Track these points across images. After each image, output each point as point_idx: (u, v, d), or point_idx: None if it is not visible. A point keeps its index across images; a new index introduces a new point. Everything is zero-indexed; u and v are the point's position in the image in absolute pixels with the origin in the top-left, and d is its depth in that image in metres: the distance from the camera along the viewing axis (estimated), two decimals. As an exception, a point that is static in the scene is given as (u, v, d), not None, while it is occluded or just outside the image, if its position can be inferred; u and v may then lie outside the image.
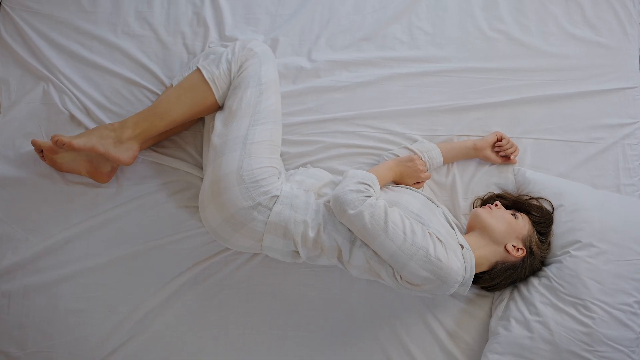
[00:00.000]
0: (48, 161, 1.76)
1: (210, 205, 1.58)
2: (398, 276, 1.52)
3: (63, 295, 1.75)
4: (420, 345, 1.74)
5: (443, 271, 1.47)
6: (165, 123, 1.70)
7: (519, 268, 1.64)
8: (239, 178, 1.55)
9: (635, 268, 1.61)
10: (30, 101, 1.86)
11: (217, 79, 1.66)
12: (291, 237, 1.58)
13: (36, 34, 1.89)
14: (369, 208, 1.48)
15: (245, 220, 1.56)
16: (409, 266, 1.47)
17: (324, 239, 1.57)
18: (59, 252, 1.77)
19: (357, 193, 1.51)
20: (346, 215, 1.50)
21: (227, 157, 1.57)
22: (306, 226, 1.57)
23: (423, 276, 1.48)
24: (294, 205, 1.58)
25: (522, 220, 1.67)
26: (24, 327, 1.74)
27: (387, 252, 1.49)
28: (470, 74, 1.94)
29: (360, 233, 1.51)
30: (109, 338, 1.74)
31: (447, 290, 1.51)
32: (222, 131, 1.62)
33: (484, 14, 2.00)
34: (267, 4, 1.98)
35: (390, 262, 1.50)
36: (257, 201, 1.55)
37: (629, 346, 1.57)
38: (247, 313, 1.76)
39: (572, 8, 2.01)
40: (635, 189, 1.88)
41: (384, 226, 1.48)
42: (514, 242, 1.63)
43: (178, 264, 1.78)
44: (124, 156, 1.70)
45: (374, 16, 1.98)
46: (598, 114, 1.93)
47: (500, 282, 1.66)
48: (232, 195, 1.55)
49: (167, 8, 1.95)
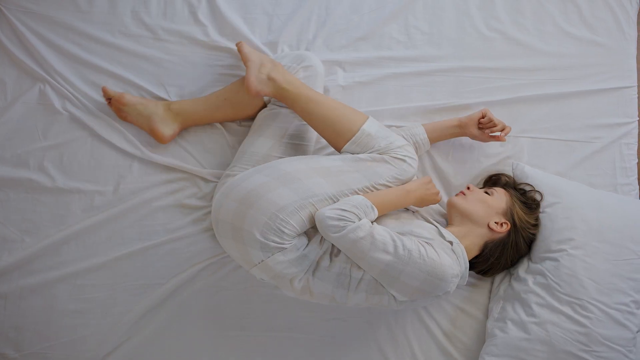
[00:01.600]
0: (114, 109, 1.82)
1: (232, 203, 1.52)
2: (401, 300, 1.51)
3: (59, 296, 1.75)
4: (418, 345, 1.74)
5: (439, 269, 1.46)
6: (213, 120, 1.83)
7: (508, 243, 1.64)
8: (273, 216, 1.46)
9: (632, 267, 1.61)
10: (27, 101, 1.85)
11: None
12: (279, 280, 1.53)
13: (32, 34, 1.88)
14: (352, 231, 1.44)
15: (247, 242, 1.50)
16: (405, 273, 1.45)
17: (313, 286, 1.53)
18: (55, 254, 1.77)
19: (338, 221, 1.44)
20: (330, 238, 1.46)
21: (285, 191, 1.49)
22: (294, 277, 1.52)
23: (420, 279, 1.45)
24: (293, 262, 1.51)
25: (498, 195, 1.67)
26: (20, 329, 1.73)
27: (380, 264, 1.45)
28: (467, 73, 1.94)
29: (349, 252, 1.47)
30: (106, 339, 1.74)
31: (447, 287, 1.49)
32: (305, 167, 1.54)
33: (480, 13, 2.00)
34: (264, 3, 1.98)
35: (382, 277, 1.47)
36: (268, 240, 1.48)
37: (626, 346, 1.57)
38: (244, 314, 1.76)
39: (569, 7, 2.01)
40: (632, 188, 1.88)
41: (372, 240, 1.44)
42: (495, 218, 1.64)
43: (175, 265, 1.77)
44: (164, 131, 1.79)
45: (370, 16, 1.98)
46: (595, 113, 1.93)
47: (494, 262, 1.66)
48: (256, 218, 1.47)
49: (163, 8, 1.95)
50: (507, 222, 1.64)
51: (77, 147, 1.83)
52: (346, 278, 1.51)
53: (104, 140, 1.83)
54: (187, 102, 1.82)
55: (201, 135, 1.85)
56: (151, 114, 1.79)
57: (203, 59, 1.91)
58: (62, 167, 1.82)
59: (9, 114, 1.84)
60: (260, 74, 1.69)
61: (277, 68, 1.71)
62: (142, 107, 1.79)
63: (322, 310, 1.76)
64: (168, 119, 1.79)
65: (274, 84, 1.68)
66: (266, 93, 1.69)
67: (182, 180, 1.83)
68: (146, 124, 1.80)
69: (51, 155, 1.82)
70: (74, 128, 1.84)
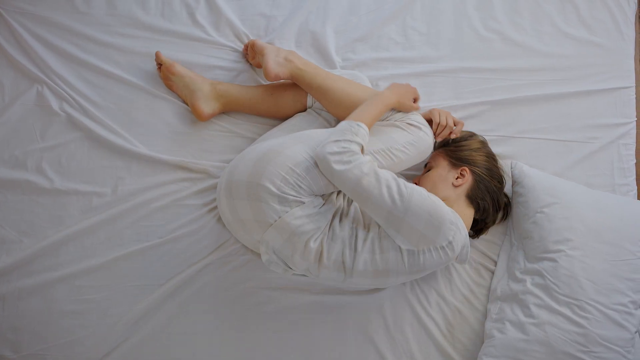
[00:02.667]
0: (162, 75, 1.87)
1: (249, 162, 1.55)
2: (405, 254, 1.51)
3: (57, 297, 1.75)
4: (417, 345, 1.74)
5: (438, 210, 1.47)
6: (254, 111, 1.85)
7: (481, 180, 1.66)
8: (290, 170, 1.50)
9: (630, 268, 1.61)
10: (24, 103, 1.85)
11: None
12: (295, 242, 1.53)
13: (30, 35, 1.88)
14: (357, 167, 1.46)
15: (264, 197, 1.51)
16: (409, 212, 1.45)
17: (326, 247, 1.53)
18: (54, 255, 1.77)
19: (340, 155, 1.46)
20: (335, 175, 1.47)
21: (302, 147, 1.54)
22: (311, 236, 1.53)
23: (423, 220, 1.46)
24: (312, 218, 1.53)
25: (434, 160, 1.72)
26: (18, 330, 1.73)
27: (386, 204, 1.45)
28: (465, 74, 1.94)
29: (354, 192, 1.47)
30: (104, 340, 1.73)
31: (447, 233, 1.48)
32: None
33: (478, 13, 2.00)
34: (262, 5, 1.98)
35: (389, 220, 1.47)
36: (286, 194, 1.50)
37: (624, 346, 1.57)
38: (242, 315, 1.76)
39: (567, 7, 2.01)
40: (630, 189, 1.88)
41: (376, 177, 1.46)
42: (451, 177, 1.67)
43: (173, 266, 1.77)
44: (204, 108, 1.81)
45: (368, 17, 1.98)
46: (593, 113, 1.93)
47: (483, 202, 1.67)
48: (273, 173, 1.50)
49: (161, 9, 1.95)
50: (464, 169, 1.67)
51: (75, 148, 1.83)
52: (353, 238, 1.53)
53: (102, 141, 1.83)
54: (234, 86, 1.85)
55: (200, 135, 1.86)
56: (196, 90, 1.81)
57: (201, 59, 1.91)
58: (60, 169, 1.82)
59: (7, 115, 1.84)
60: (277, 57, 1.77)
61: (293, 53, 1.80)
62: (190, 80, 1.82)
63: (320, 311, 1.76)
64: (211, 98, 1.82)
65: (291, 64, 1.76)
66: (285, 75, 1.76)
67: (181, 181, 1.83)
68: (189, 98, 1.83)
69: (49, 157, 1.82)
70: (72, 129, 1.84)
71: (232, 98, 1.83)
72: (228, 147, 1.86)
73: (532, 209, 1.73)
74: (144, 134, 1.85)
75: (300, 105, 1.84)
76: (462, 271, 1.80)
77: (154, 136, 1.86)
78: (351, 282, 1.58)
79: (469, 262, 1.81)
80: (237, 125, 1.88)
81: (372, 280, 1.57)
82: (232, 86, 1.85)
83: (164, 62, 1.84)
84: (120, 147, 1.83)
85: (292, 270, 1.62)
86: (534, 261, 1.69)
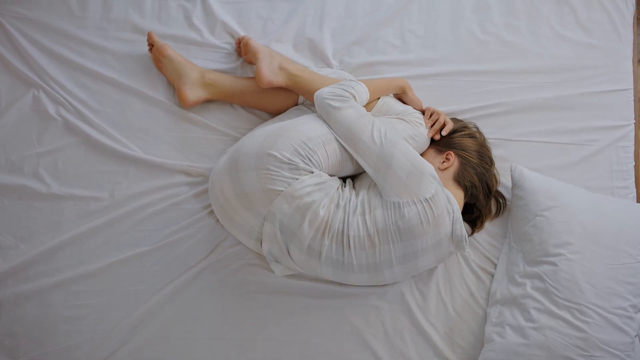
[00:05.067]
0: (153, 57, 1.87)
1: (259, 137, 1.58)
2: (391, 209, 1.53)
3: (55, 303, 1.74)
4: (415, 350, 1.73)
5: (419, 161, 1.55)
6: (242, 102, 1.86)
7: (467, 162, 1.70)
8: (302, 144, 1.55)
9: (629, 271, 1.61)
10: (21, 108, 1.85)
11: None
12: (303, 211, 1.53)
13: (26, 39, 1.88)
14: (353, 106, 1.59)
15: (273, 166, 1.53)
16: (394, 158, 1.54)
17: (332, 216, 1.55)
18: (51, 260, 1.76)
19: (336, 96, 1.60)
20: (330, 114, 1.59)
21: (314, 124, 1.61)
22: (319, 204, 1.54)
23: (406, 170, 1.53)
24: (320, 186, 1.56)
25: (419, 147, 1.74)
26: (16, 336, 1.72)
27: (375, 147, 1.55)
28: (462, 77, 1.93)
29: (346, 134, 1.58)
30: (101, 345, 1.73)
31: (429, 186, 1.53)
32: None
33: (475, 16, 1.99)
34: (259, 8, 1.97)
35: (377, 164, 1.55)
36: (295, 162, 1.53)
37: (624, 350, 1.56)
38: (241, 319, 1.75)
39: (564, 10, 2.01)
40: (628, 192, 1.88)
41: (370, 120, 1.58)
42: (437, 162, 1.71)
43: (171, 270, 1.77)
44: (189, 95, 1.81)
45: (365, 20, 1.98)
46: (591, 116, 1.92)
47: (471, 184, 1.68)
48: (285, 144, 1.54)
49: (157, 12, 1.95)
50: (449, 153, 1.70)
51: (72, 153, 1.82)
52: (349, 204, 1.57)
53: (99, 145, 1.83)
54: (224, 76, 1.85)
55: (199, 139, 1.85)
56: (184, 75, 1.81)
57: (197, 62, 1.90)
58: (56, 173, 1.81)
59: (3, 120, 1.84)
60: (271, 64, 1.77)
61: (286, 59, 1.81)
62: (179, 64, 1.82)
63: (318, 316, 1.75)
64: (198, 85, 1.82)
65: (286, 72, 1.77)
66: (278, 83, 1.76)
67: (178, 186, 1.82)
68: (176, 82, 1.83)
69: (46, 161, 1.82)
70: (69, 134, 1.83)
71: (221, 88, 1.83)
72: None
73: (532, 212, 1.72)
74: (140, 138, 1.85)
75: (291, 100, 1.84)
76: (462, 274, 1.80)
77: (151, 140, 1.85)
78: (350, 261, 1.56)
79: (469, 262, 1.80)
80: (235, 129, 1.87)
81: (366, 255, 1.55)
82: (222, 76, 1.85)
83: (156, 44, 1.84)
84: (117, 151, 1.82)
85: (291, 259, 1.60)
86: (533, 265, 1.69)
